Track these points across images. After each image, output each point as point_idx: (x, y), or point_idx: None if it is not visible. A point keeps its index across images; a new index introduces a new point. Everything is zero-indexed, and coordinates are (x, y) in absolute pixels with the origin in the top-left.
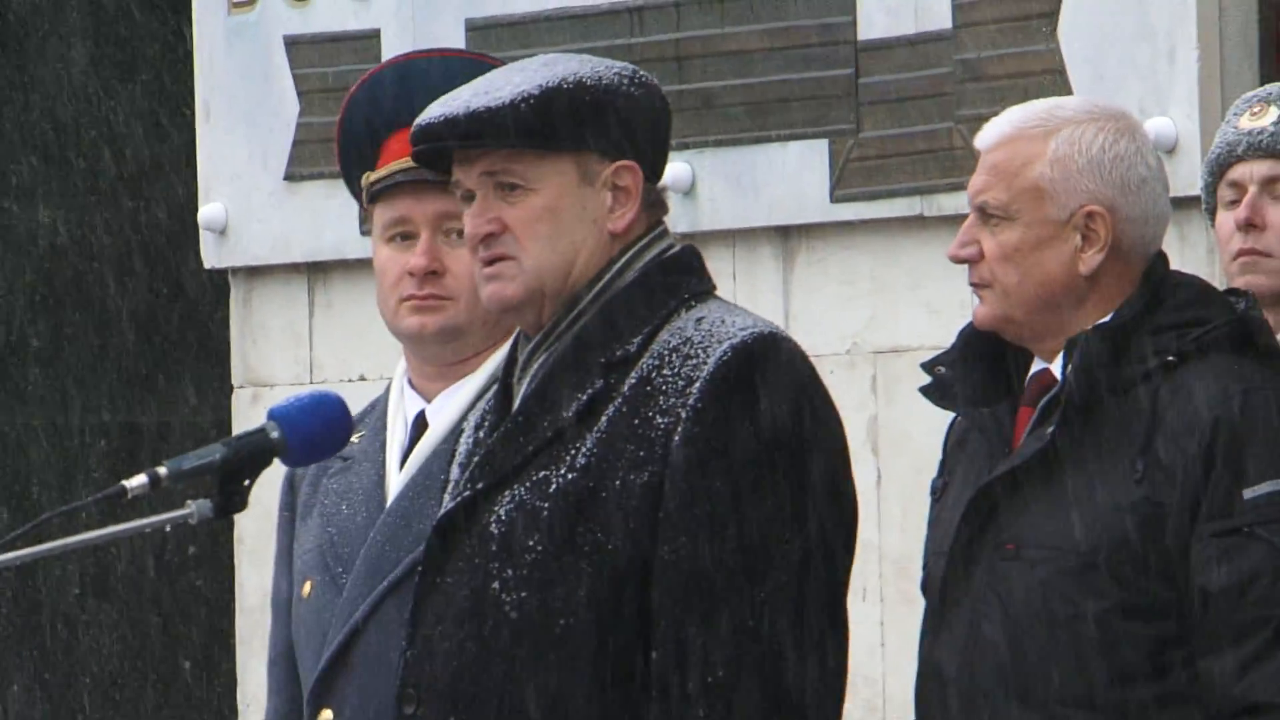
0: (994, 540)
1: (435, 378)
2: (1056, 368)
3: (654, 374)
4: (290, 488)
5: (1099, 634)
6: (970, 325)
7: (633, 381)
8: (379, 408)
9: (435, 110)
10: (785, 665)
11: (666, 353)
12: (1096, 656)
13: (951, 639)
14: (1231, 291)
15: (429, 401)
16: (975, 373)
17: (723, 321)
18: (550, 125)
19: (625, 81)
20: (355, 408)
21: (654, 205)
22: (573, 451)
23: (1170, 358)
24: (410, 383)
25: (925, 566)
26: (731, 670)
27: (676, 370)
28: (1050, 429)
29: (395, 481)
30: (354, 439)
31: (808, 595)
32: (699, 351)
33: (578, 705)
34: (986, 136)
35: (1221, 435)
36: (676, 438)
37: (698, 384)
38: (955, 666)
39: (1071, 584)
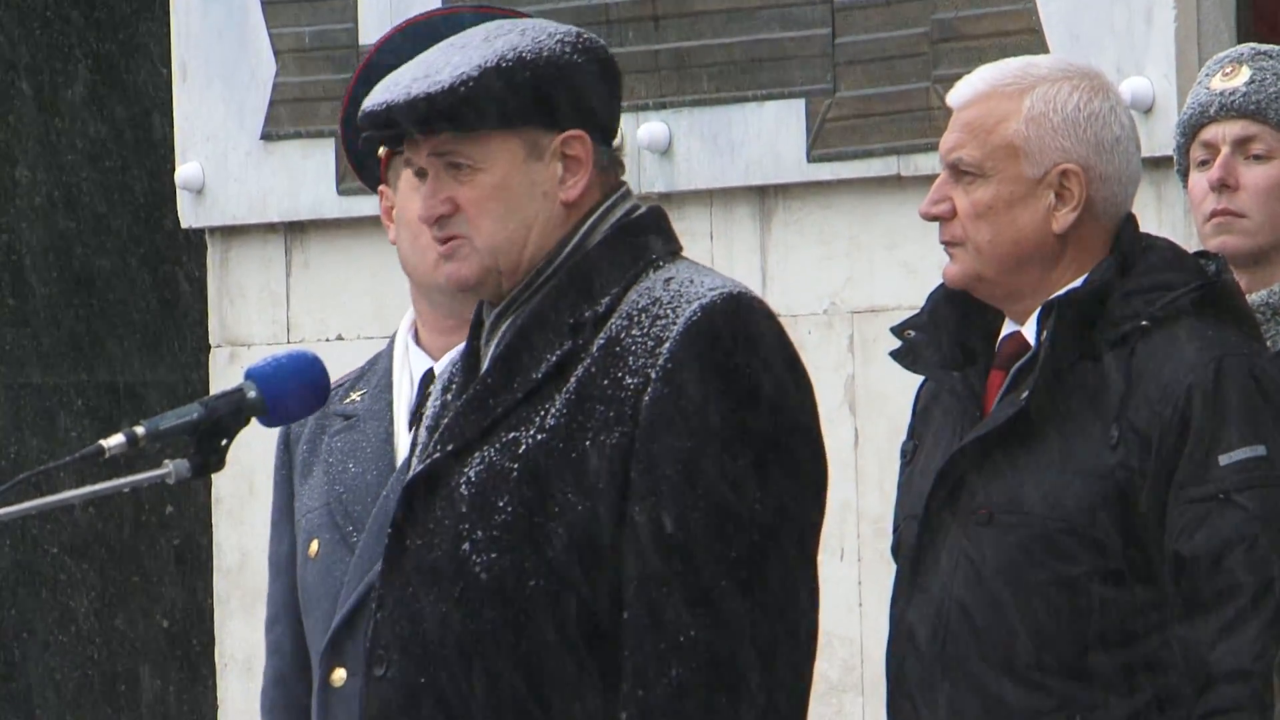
0: (967, 505)
1: (451, 331)
2: (1027, 331)
3: (623, 334)
4: (285, 447)
5: (1073, 599)
6: (940, 288)
7: (601, 342)
8: (381, 365)
9: (378, 96)
10: (756, 625)
11: (635, 313)
12: (1070, 622)
13: (924, 603)
14: (1201, 254)
15: (435, 359)
16: (945, 336)
17: (691, 282)
18: (491, 106)
19: (567, 49)
20: (332, 367)
21: (609, 168)
22: (542, 413)
23: (1144, 322)
24: (415, 339)
25: (896, 530)
26: (704, 629)
27: (646, 330)
28: (1024, 394)
29: (404, 440)
30: (355, 396)
31: (778, 555)
32: (668, 311)
33: (548, 666)
34: (960, 94)
35: (1197, 401)
36: (646, 398)
37: (667, 344)
38: (928, 631)
39: (1046, 549)
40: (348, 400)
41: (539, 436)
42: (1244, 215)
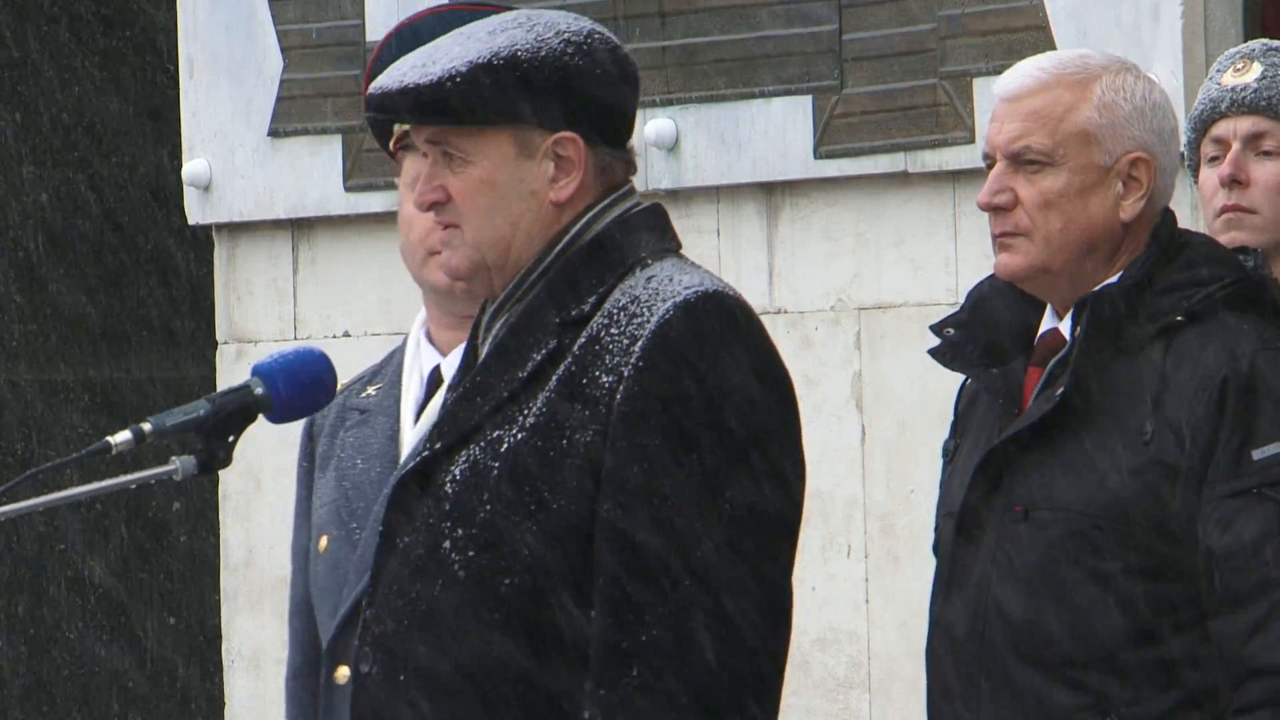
0: (1003, 502)
1: (455, 327)
2: (1064, 327)
3: (603, 333)
4: (309, 438)
5: (1109, 595)
6: (981, 286)
7: (583, 341)
8: (395, 360)
9: (381, 81)
10: (723, 624)
11: (616, 311)
12: (1106, 618)
13: (962, 600)
14: (1240, 249)
15: (445, 355)
16: (985, 334)
17: (671, 280)
18: (478, 102)
19: (570, 49)
20: (339, 363)
21: (609, 170)
22: (525, 411)
23: (1179, 317)
24: (428, 336)
25: (936, 528)
26: (669, 628)
27: (623, 329)
28: (1060, 390)
29: (409, 436)
30: (370, 391)
31: (746, 557)
32: (644, 310)
33: (526, 665)
34: (1018, 84)
35: (1231, 395)
36: (619, 396)
37: (640, 342)
38: (965, 628)
39: (1081, 545)
40: (364, 394)
41: (520, 435)
42: (1254, 211)
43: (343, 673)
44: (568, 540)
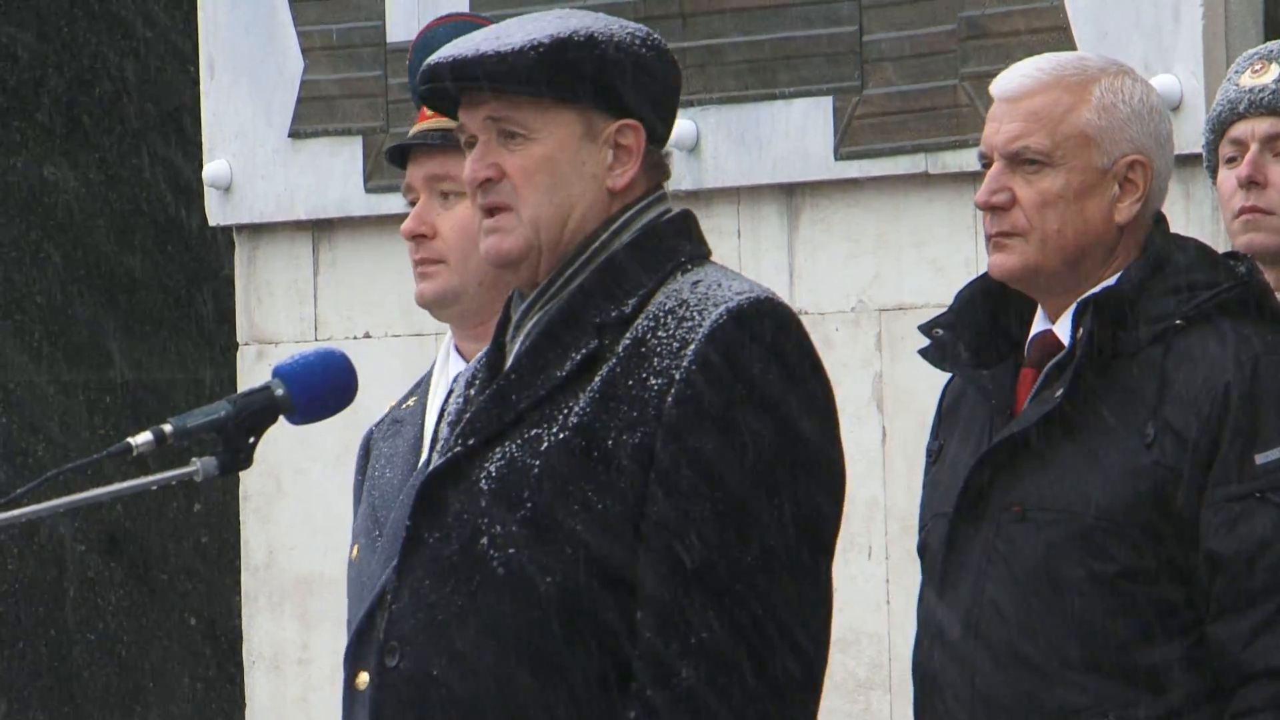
0: (1000, 502)
1: (473, 339)
2: (1060, 329)
3: (649, 335)
4: (365, 453)
5: (1107, 597)
6: (969, 286)
7: (627, 343)
8: (430, 372)
9: (446, 52)
10: (770, 627)
11: (662, 314)
12: (1104, 620)
13: (955, 601)
14: (1230, 255)
15: (469, 362)
16: (974, 334)
17: (719, 285)
18: (558, 75)
19: (638, 42)
20: (359, 365)
21: (655, 168)
22: (565, 410)
23: (1178, 321)
24: (456, 347)
25: (922, 528)
26: (716, 632)
27: (671, 332)
28: (1059, 392)
29: (429, 443)
30: (410, 402)
31: (794, 561)
32: (694, 314)
33: (561, 663)
34: (1017, 85)
35: (1234, 400)
36: (669, 399)
37: (692, 346)
38: (959, 628)
39: (1080, 547)
40: (404, 405)
41: (561, 435)
42: (1272, 212)
43: (363, 679)
44: (612, 541)
